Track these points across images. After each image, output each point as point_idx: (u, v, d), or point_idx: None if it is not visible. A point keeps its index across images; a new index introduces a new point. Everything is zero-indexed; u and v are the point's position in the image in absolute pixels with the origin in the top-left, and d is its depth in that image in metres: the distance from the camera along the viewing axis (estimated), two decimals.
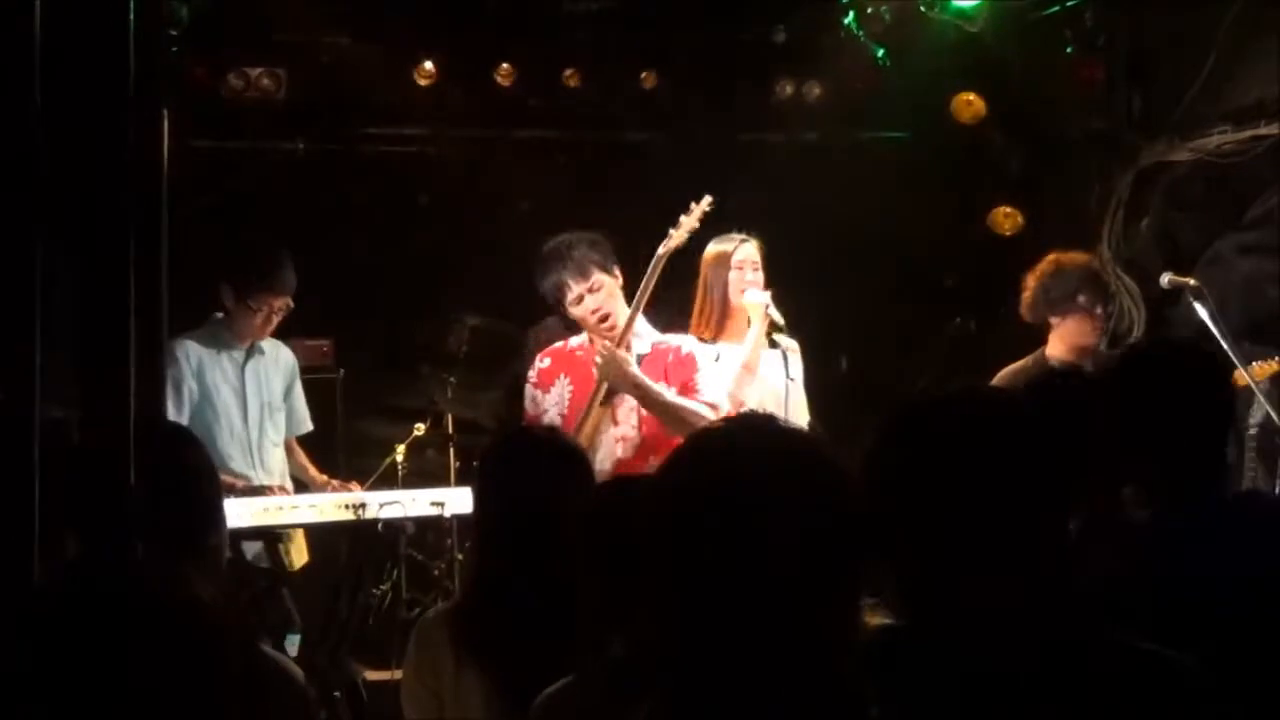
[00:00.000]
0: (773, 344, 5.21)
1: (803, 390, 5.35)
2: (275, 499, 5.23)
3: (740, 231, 5.41)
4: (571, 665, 2.55)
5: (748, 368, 5.19)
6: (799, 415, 5.23)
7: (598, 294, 4.89)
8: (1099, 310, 5.43)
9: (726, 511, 1.67)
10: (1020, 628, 1.93)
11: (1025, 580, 1.95)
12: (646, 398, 4.82)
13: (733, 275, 5.29)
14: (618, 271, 4.95)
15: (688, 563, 1.68)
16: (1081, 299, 5.40)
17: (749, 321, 5.27)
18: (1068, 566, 1.97)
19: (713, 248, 5.37)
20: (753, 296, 5.22)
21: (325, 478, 5.60)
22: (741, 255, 5.31)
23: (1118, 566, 2.58)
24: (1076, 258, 5.59)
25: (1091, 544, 2.66)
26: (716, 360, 5.23)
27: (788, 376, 5.17)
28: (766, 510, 1.66)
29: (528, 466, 3.09)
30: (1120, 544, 2.67)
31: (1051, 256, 5.54)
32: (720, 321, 5.32)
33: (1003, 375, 5.51)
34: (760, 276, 5.29)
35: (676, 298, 5.46)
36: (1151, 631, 2.02)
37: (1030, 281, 5.49)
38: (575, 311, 4.93)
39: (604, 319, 4.90)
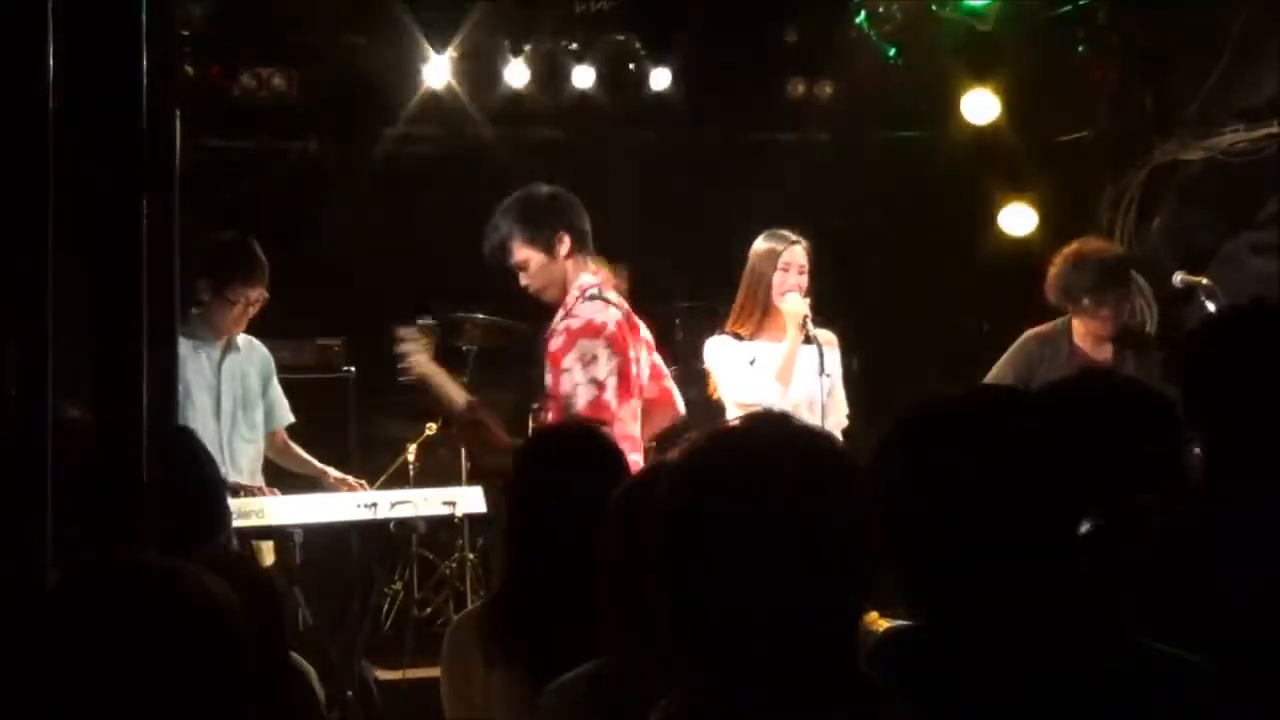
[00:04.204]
0: (807, 339, 5.08)
1: (840, 385, 5.26)
2: (284, 498, 5.24)
3: (790, 230, 5.29)
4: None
5: (781, 378, 5.09)
6: (835, 412, 5.16)
7: (525, 272, 4.73)
8: (1105, 311, 5.40)
9: (739, 509, 1.67)
10: (1032, 629, 1.92)
11: (1037, 581, 1.95)
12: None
13: (777, 276, 5.16)
14: (563, 239, 4.69)
15: (700, 560, 1.68)
16: (1087, 300, 5.39)
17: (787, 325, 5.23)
18: (1081, 566, 1.97)
19: (762, 244, 5.25)
20: (792, 303, 5.11)
21: (331, 469, 5.59)
22: (789, 257, 5.17)
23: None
24: (1097, 251, 5.52)
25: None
26: (752, 364, 5.19)
27: (822, 372, 5.07)
28: (780, 508, 1.66)
29: (565, 465, 3.04)
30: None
31: (1075, 245, 5.50)
32: (761, 319, 5.22)
33: (1026, 337, 5.55)
34: (805, 280, 5.17)
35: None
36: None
37: (1054, 266, 5.46)
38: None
39: (537, 294, 4.76)
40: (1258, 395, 2.60)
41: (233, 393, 5.38)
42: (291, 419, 5.64)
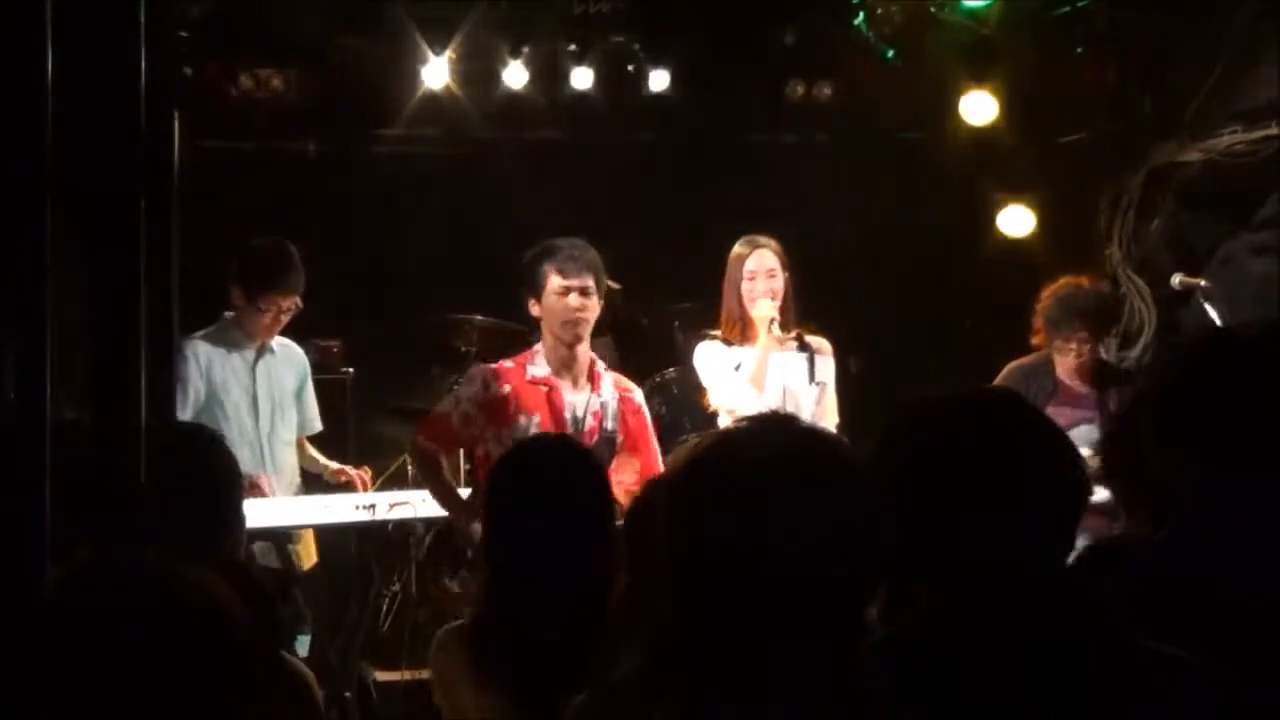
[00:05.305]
0: (803, 346, 5.12)
1: (833, 393, 5.27)
2: (284, 500, 5.24)
3: (759, 234, 5.32)
4: (586, 680, 2.53)
5: (754, 381, 5.13)
6: (824, 419, 5.14)
7: (590, 298, 4.74)
8: (1075, 347, 5.43)
9: (741, 512, 1.67)
10: (1031, 629, 1.92)
11: (1034, 582, 1.95)
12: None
13: (745, 284, 5.21)
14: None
15: (704, 561, 1.68)
16: (1055, 336, 5.44)
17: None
18: (1078, 566, 1.97)
19: (735, 249, 5.29)
20: (760, 309, 5.15)
21: (337, 465, 5.60)
22: (754, 263, 5.21)
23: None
24: (1070, 286, 5.52)
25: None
26: (737, 369, 5.21)
27: (813, 380, 5.08)
28: (782, 510, 1.66)
29: (541, 476, 3.04)
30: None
31: (1063, 281, 5.53)
32: (742, 325, 5.26)
33: (1011, 369, 5.56)
34: (776, 283, 5.19)
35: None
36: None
37: (1042, 300, 5.51)
38: (558, 301, 4.72)
39: (579, 323, 4.74)
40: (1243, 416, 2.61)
41: (270, 395, 5.39)
42: (320, 427, 5.66)
